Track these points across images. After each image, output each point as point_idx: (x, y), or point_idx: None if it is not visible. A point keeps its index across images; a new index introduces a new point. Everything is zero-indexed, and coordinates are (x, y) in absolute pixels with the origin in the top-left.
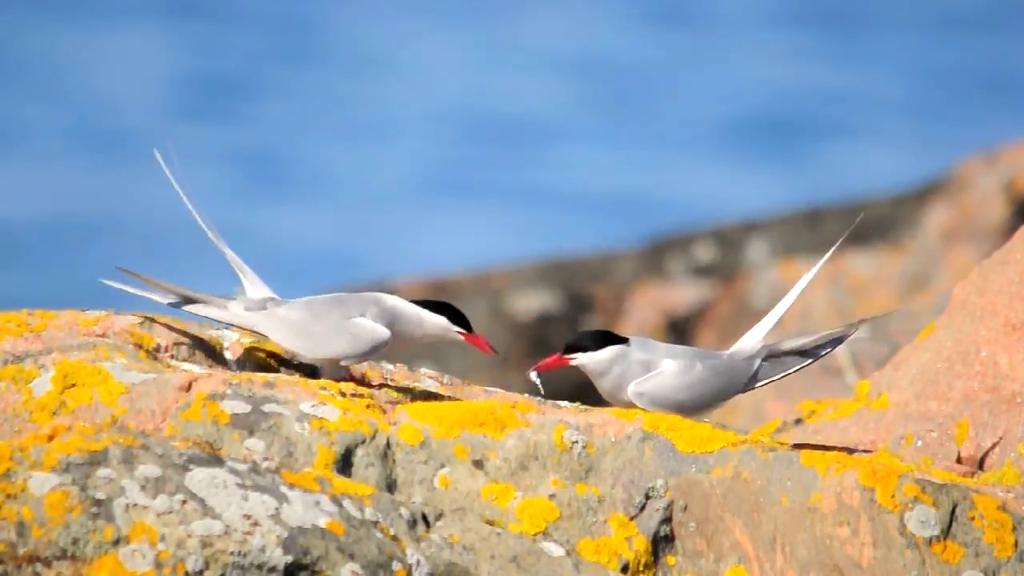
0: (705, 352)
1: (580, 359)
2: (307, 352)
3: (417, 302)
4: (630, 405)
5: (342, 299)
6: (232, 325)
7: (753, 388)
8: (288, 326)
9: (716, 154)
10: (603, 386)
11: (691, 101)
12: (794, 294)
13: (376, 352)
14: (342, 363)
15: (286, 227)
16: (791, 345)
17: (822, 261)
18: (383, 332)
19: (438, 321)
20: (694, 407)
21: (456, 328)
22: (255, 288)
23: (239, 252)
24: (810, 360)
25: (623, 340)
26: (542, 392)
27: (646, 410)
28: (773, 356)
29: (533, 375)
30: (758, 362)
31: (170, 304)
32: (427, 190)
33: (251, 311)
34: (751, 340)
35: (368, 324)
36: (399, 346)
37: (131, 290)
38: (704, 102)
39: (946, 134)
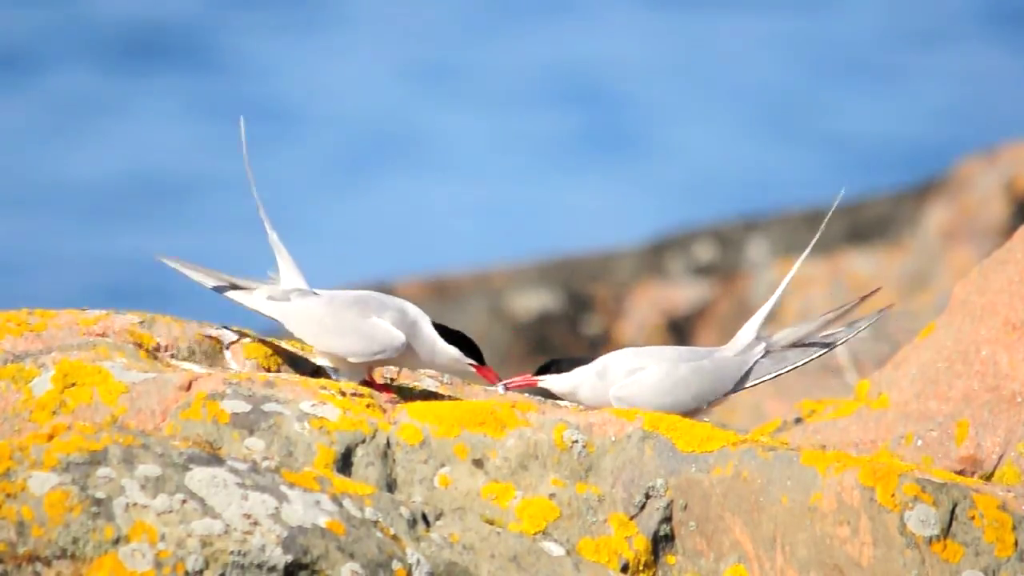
0: (695, 352)
1: (546, 381)
2: (318, 344)
3: (437, 327)
4: None
5: (364, 299)
6: (255, 311)
7: (749, 386)
8: (305, 317)
9: None
10: (582, 404)
11: None
12: (783, 285)
13: (387, 355)
14: (351, 360)
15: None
16: (791, 337)
17: (807, 250)
18: (398, 336)
19: (449, 351)
20: (675, 410)
21: (468, 360)
22: (290, 276)
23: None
24: (815, 353)
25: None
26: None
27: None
28: (772, 351)
29: (500, 388)
30: (754, 359)
31: (213, 288)
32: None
33: (274, 300)
34: (745, 335)
35: (384, 326)
36: (407, 361)
37: (181, 268)
38: None
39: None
